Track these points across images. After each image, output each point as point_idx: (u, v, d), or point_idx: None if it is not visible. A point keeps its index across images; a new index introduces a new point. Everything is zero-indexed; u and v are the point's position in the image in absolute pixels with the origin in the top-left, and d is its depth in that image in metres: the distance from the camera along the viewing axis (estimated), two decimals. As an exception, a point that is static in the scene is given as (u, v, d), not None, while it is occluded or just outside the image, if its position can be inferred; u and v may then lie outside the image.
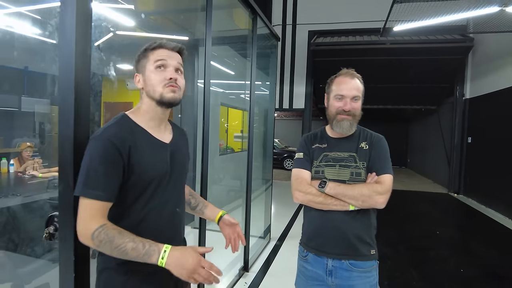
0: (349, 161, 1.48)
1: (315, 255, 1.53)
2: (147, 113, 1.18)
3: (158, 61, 1.13)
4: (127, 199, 1.10)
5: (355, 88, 1.47)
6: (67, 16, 1.18)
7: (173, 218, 1.21)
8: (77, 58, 1.19)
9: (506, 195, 6.03)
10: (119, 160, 1.05)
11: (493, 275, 3.54)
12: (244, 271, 3.38)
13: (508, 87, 6.21)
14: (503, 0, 3.55)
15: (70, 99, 1.19)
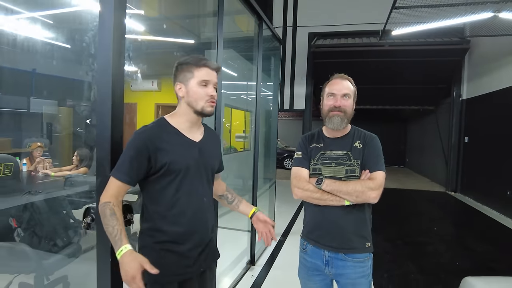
0: (344, 159, 1.58)
1: (314, 247, 1.64)
2: (182, 117, 1.41)
3: (203, 80, 1.35)
4: (161, 185, 1.33)
5: (345, 87, 1.60)
6: (105, 32, 1.35)
7: (202, 206, 1.42)
8: (114, 68, 1.36)
9: (501, 193, 6.21)
10: (145, 154, 1.28)
11: (488, 268, 3.71)
12: (251, 265, 3.54)
13: (502, 89, 6.39)
14: (496, 7, 3.75)
15: (107, 105, 1.36)
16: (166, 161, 1.30)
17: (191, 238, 1.38)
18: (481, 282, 1.88)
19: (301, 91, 9.57)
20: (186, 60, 1.38)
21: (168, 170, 1.31)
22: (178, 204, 1.34)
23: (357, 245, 1.57)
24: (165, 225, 1.33)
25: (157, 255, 1.32)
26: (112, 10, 1.34)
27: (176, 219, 1.34)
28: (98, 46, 1.36)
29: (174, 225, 1.34)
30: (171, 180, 1.33)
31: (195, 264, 1.39)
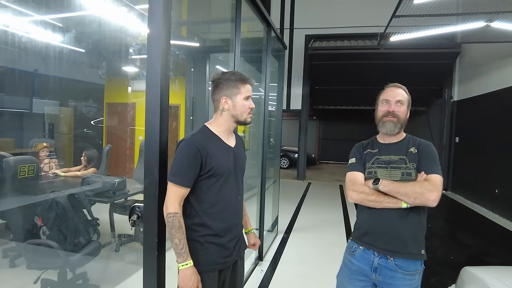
0: (399, 163, 1.57)
1: (363, 252, 1.62)
2: (223, 125, 1.57)
3: (247, 96, 1.54)
4: (206, 186, 1.50)
5: (398, 94, 1.63)
6: (154, 49, 1.50)
7: (237, 203, 1.61)
8: (162, 80, 1.51)
9: (490, 191, 6.52)
10: (199, 158, 1.44)
11: (480, 261, 3.96)
12: (259, 260, 3.71)
13: (491, 91, 6.70)
14: (489, 17, 4.00)
15: (156, 113, 1.50)
16: (213, 165, 1.47)
17: (231, 232, 1.56)
18: (480, 271, 2.08)
19: (297, 92, 9.78)
20: (232, 77, 1.54)
21: (214, 173, 1.48)
22: (220, 202, 1.51)
23: (412, 250, 1.54)
24: (209, 220, 1.50)
25: (202, 247, 1.49)
26: (160, 29, 1.50)
27: (219, 215, 1.52)
28: (147, 62, 1.51)
29: (217, 221, 1.51)
30: (215, 181, 1.50)
31: (232, 254, 1.58)
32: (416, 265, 1.56)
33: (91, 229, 2.87)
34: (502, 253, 4.35)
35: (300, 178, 10.04)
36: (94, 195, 3.30)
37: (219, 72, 1.60)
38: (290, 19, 9.79)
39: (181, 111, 7.03)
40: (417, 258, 1.56)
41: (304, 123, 9.94)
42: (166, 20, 1.54)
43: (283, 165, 13.36)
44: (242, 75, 1.56)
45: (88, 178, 3.33)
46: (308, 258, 3.91)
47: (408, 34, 4.95)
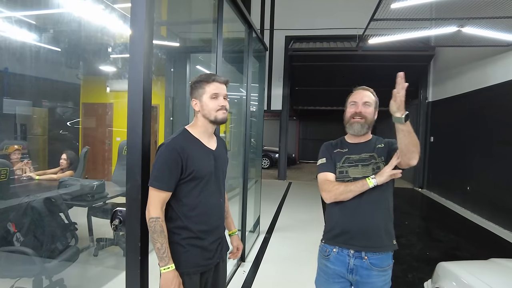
0: (369, 160, 1.63)
1: (338, 253, 1.64)
2: (201, 128, 1.58)
3: (213, 93, 1.52)
4: (187, 189, 1.50)
5: (366, 96, 1.68)
6: (136, 50, 1.48)
7: (219, 206, 1.62)
8: (144, 82, 1.49)
9: (461, 188, 6.81)
10: (179, 162, 1.45)
11: (453, 256, 4.13)
12: (241, 261, 3.72)
13: (463, 93, 7.00)
14: (460, 22, 4.19)
15: (139, 115, 1.48)
16: (194, 169, 1.47)
17: (212, 234, 1.57)
18: (454, 266, 2.18)
19: (278, 92, 9.84)
20: (198, 78, 1.56)
21: (195, 176, 1.48)
22: (201, 205, 1.52)
23: (386, 241, 1.62)
24: (190, 223, 1.50)
25: (183, 249, 1.50)
26: (143, 31, 1.48)
27: (200, 218, 1.52)
28: (129, 63, 1.49)
29: (198, 223, 1.51)
30: (196, 184, 1.50)
31: (214, 256, 1.59)
32: (388, 260, 1.64)
33: (68, 234, 2.78)
34: (473, 247, 4.56)
35: (281, 178, 10.11)
36: (71, 198, 3.20)
37: None
38: (270, 20, 9.84)
39: (161, 112, 6.93)
40: (391, 249, 1.64)
41: (285, 123, 10.03)
42: (149, 21, 1.52)
43: (264, 165, 13.41)
44: (209, 75, 1.57)
45: (65, 181, 3.22)
46: (290, 258, 3.95)
47: (385, 37, 5.10)
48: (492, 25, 4.35)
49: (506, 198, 5.37)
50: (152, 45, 1.56)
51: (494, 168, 5.76)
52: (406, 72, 1.49)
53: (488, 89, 6.04)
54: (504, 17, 3.93)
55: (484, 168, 6.09)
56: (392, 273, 1.70)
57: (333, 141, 1.80)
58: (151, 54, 1.55)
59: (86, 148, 4.24)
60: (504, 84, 5.58)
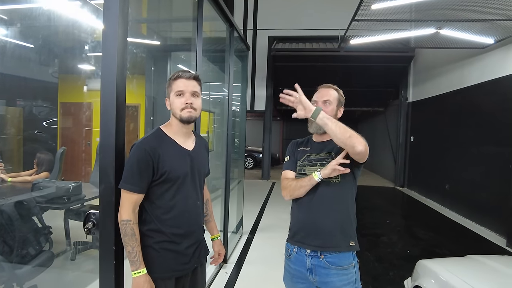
0: (327, 159, 1.62)
1: (297, 253, 1.64)
2: (174, 127, 1.53)
3: (178, 91, 1.47)
4: (160, 191, 1.45)
5: (326, 95, 1.68)
6: (109, 47, 1.42)
7: (195, 209, 1.56)
8: (118, 80, 1.43)
9: (440, 187, 6.98)
10: (150, 163, 1.40)
11: (432, 253, 4.21)
12: (224, 263, 3.67)
13: (441, 94, 7.17)
14: (438, 24, 4.29)
15: (112, 114, 1.42)
16: (166, 170, 1.42)
17: (188, 238, 1.51)
18: (433, 263, 2.21)
19: (261, 92, 9.83)
20: (170, 77, 1.53)
21: (168, 178, 1.43)
22: (175, 208, 1.46)
23: (340, 242, 1.58)
24: (164, 227, 1.45)
25: (157, 254, 1.45)
26: (116, 26, 1.42)
27: (174, 221, 1.47)
28: (102, 60, 1.43)
29: (173, 227, 1.46)
30: (170, 186, 1.45)
31: (190, 261, 1.53)
32: (347, 258, 1.59)
33: (42, 238, 2.68)
34: (451, 244, 4.67)
35: (265, 178, 10.11)
36: (46, 201, 3.08)
37: None
38: (253, 19, 9.83)
39: (141, 111, 6.79)
40: (346, 250, 1.59)
41: (268, 124, 10.03)
42: (122, 16, 1.47)
43: (248, 165, 13.38)
44: (178, 72, 1.51)
45: (39, 183, 3.10)
46: (272, 258, 3.93)
47: (366, 38, 5.16)
48: (468, 27, 4.47)
49: (482, 196, 5.54)
50: (127, 41, 1.50)
51: (471, 167, 5.92)
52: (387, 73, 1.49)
53: (465, 90, 6.22)
54: (479, 20, 4.04)
55: (462, 167, 6.25)
56: (374, 271, 1.69)
57: (301, 139, 1.81)
58: (125, 51, 1.49)
59: (63, 148, 4.10)
60: (479, 85, 5.75)
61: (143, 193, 1.41)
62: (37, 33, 4.40)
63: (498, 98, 5.15)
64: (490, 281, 1.91)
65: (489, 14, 3.89)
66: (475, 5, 3.70)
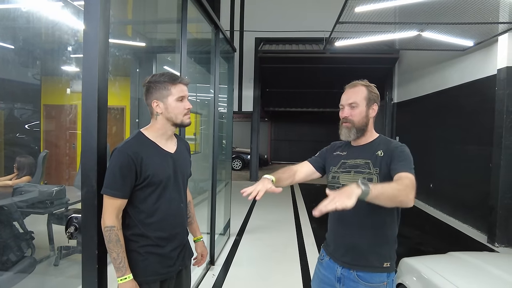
0: (363, 168, 1.49)
1: (329, 260, 1.57)
2: (160, 130, 1.51)
3: (180, 96, 1.47)
4: (143, 195, 1.44)
5: (351, 97, 1.53)
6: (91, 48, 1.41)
7: (179, 211, 1.55)
8: (99, 82, 1.42)
9: (425, 186, 7.12)
10: (133, 167, 1.38)
11: (418, 251, 4.30)
12: (211, 265, 3.66)
13: (425, 94, 7.33)
14: (420, 27, 4.40)
15: (93, 116, 1.41)
16: (149, 174, 1.41)
17: (172, 241, 1.51)
18: (416, 261, 2.26)
19: (249, 93, 9.85)
20: (161, 78, 1.46)
21: (151, 182, 1.42)
22: (159, 211, 1.46)
23: (373, 263, 1.45)
24: (148, 230, 1.44)
25: (141, 257, 1.44)
26: (97, 28, 1.41)
27: (158, 225, 1.46)
28: (83, 62, 1.41)
29: (157, 231, 1.46)
30: (153, 190, 1.44)
31: (175, 264, 1.53)
32: (380, 277, 1.45)
33: (23, 244, 2.62)
34: (435, 242, 4.77)
35: (253, 179, 10.11)
36: (28, 206, 3.00)
37: (151, 76, 1.52)
38: (240, 21, 9.84)
39: (127, 113, 6.71)
40: (379, 271, 1.45)
41: (256, 125, 10.05)
42: (104, 18, 1.45)
43: (236, 166, 13.37)
44: (173, 75, 1.49)
45: (21, 188, 3.02)
46: (260, 259, 3.95)
47: (351, 40, 5.24)
48: (449, 30, 4.59)
49: (464, 194, 5.68)
50: (108, 43, 1.49)
51: (454, 167, 6.07)
52: (372, 74, 1.50)
53: (447, 91, 6.37)
54: (459, 23, 4.16)
55: (445, 166, 6.39)
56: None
57: (339, 142, 1.67)
58: (107, 53, 1.48)
59: (45, 152, 4.01)
60: (460, 86, 5.90)
61: (126, 198, 1.40)
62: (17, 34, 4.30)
63: (478, 99, 5.30)
64: (469, 278, 1.96)
65: (468, 17, 4.01)
66: (455, 9, 3.80)
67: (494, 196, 4.62)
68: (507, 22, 4.13)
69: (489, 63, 5.01)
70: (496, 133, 4.65)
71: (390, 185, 1.26)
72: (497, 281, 1.86)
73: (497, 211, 4.53)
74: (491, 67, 4.91)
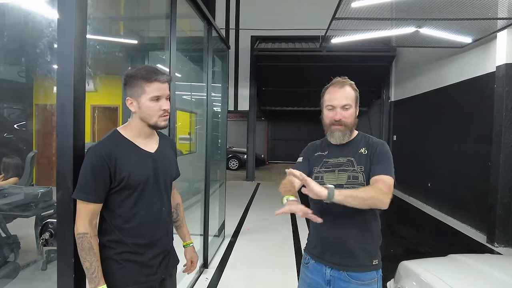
0: (346, 166, 1.45)
1: (316, 263, 1.52)
2: (136, 129, 1.39)
3: (154, 96, 1.32)
4: (120, 199, 1.33)
5: (344, 97, 1.46)
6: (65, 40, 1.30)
7: (160, 216, 1.43)
8: (76, 75, 1.31)
9: (422, 185, 7.06)
10: (106, 169, 1.27)
11: (416, 252, 4.22)
12: (204, 268, 3.56)
13: (422, 93, 7.26)
14: (418, 23, 4.31)
15: (69, 114, 1.31)
16: (125, 175, 1.29)
17: (153, 248, 1.40)
18: (414, 265, 2.17)
19: (245, 92, 9.75)
20: (136, 74, 1.32)
21: (127, 184, 1.31)
22: (137, 216, 1.35)
23: (363, 261, 1.44)
24: (125, 237, 1.34)
25: (119, 265, 1.34)
26: (73, 17, 1.30)
27: (137, 231, 1.35)
28: (58, 55, 1.31)
29: (135, 237, 1.35)
30: (130, 193, 1.33)
31: (157, 272, 1.42)
32: (370, 274, 1.45)
33: (6, 249, 2.51)
34: (434, 242, 4.69)
35: (249, 179, 10.02)
36: (11, 208, 2.89)
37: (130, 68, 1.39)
38: (235, 19, 9.73)
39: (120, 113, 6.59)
40: (369, 270, 1.44)
41: (252, 124, 9.95)
42: (80, 4, 1.34)
43: (233, 166, 13.28)
44: (150, 71, 1.32)
45: (5, 190, 2.91)
46: (255, 261, 3.85)
47: (348, 37, 5.15)
48: (447, 26, 4.51)
49: (463, 193, 5.61)
50: (85, 33, 1.38)
51: (452, 165, 6.00)
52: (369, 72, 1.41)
53: (445, 89, 6.29)
54: (457, 19, 4.08)
55: (443, 165, 6.32)
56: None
57: (318, 141, 1.64)
58: (84, 45, 1.37)
59: (33, 152, 3.89)
60: (458, 84, 5.83)
61: (100, 202, 1.29)
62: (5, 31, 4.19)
63: (476, 97, 5.23)
64: (471, 282, 1.88)
65: (467, 13, 3.93)
66: (453, 4, 3.72)
67: (494, 195, 4.54)
68: (506, 18, 4.05)
69: (487, 60, 4.93)
70: (495, 131, 4.57)
71: (364, 189, 1.33)
72: (500, 286, 1.78)
73: (497, 211, 4.46)
74: (490, 64, 4.84)
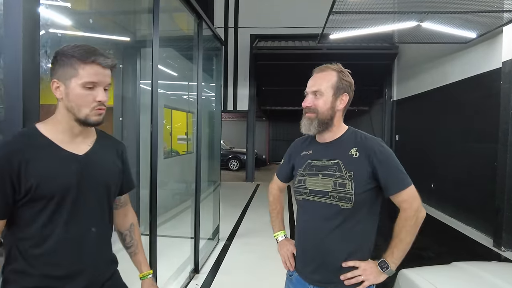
0: (332, 170, 1.25)
1: (299, 277, 1.36)
2: (60, 125, 1.08)
3: (89, 82, 1.03)
4: (29, 214, 1.02)
5: (316, 83, 1.29)
6: (12, 21, 1.15)
7: (89, 239, 1.10)
8: (24, 67, 1.16)
9: (426, 186, 6.85)
10: (5, 174, 0.97)
11: (417, 256, 4.02)
12: (195, 273, 3.40)
13: (425, 91, 7.06)
14: (420, 17, 4.13)
15: (18, 113, 1.16)
16: (32, 184, 0.98)
17: (74, 281, 1.08)
18: (414, 274, 2.01)
19: (244, 92, 9.60)
20: (69, 51, 1.02)
21: (36, 195, 1.00)
22: (51, 238, 1.03)
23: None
24: (32, 266, 1.02)
25: None
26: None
27: (50, 258, 1.03)
28: (4, 41, 1.15)
29: (46, 266, 1.03)
30: (42, 208, 1.01)
31: None
32: None
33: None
34: (437, 246, 4.49)
35: (249, 180, 9.86)
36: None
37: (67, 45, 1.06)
38: (234, 18, 9.59)
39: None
40: (358, 285, 1.26)
41: (252, 124, 9.80)
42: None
43: (233, 167, 13.14)
44: (88, 49, 1.03)
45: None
46: (249, 266, 3.69)
47: (346, 32, 4.97)
48: (450, 20, 4.33)
49: (468, 195, 5.41)
50: (38, 13, 1.21)
51: (456, 166, 5.80)
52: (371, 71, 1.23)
53: (448, 87, 6.10)
54: (460, 11, 3.90)
55: (447, 165, 6.13)
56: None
57: (304, 137, 1.46)
58: (37, 28, 1.20)
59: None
60: (462, 81, 5.63)
61: (3, 218, 1.00)
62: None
63: (482, 94, 5.03)
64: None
65: (471, 5, 3.75)
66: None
67: (500, 196, 4.35)
68: (513, 11, 3.87)
69: (493, 56, 4.74)
70: (502, 129, 4.38)
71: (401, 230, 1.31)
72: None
73: (504, 213, 4.26)
74: (496, 60, 4.64)
